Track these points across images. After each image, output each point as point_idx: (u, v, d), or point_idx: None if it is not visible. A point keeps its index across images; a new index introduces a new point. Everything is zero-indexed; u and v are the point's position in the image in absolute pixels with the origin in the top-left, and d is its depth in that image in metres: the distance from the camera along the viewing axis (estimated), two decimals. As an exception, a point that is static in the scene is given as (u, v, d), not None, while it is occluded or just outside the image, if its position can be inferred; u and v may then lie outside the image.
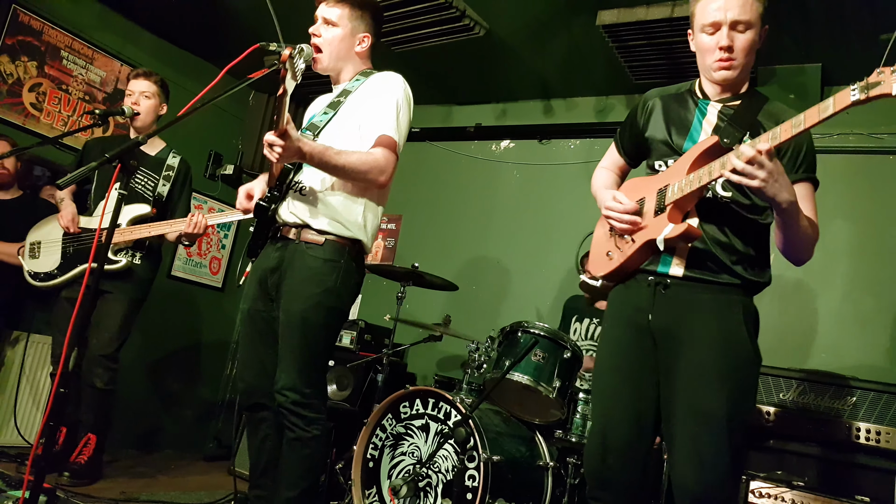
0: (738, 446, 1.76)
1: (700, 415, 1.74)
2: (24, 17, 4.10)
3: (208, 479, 4.03)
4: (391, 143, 2.34)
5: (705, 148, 1.81)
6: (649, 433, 1.90)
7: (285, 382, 2.28)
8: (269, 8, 4.01)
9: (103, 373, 3.30)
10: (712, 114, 1.94)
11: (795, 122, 1.58)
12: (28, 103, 4.14)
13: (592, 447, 1.95)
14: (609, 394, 1.95)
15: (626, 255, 1.93)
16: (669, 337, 1.85)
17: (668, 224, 1.81)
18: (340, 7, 2.45)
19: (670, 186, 1.85)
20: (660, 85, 2.13)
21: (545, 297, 4.34)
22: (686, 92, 2.04)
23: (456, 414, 2.91)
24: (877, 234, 3.53)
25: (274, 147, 2.08)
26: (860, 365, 3.31)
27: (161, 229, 3.31)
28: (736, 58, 1.87)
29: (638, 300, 1.93)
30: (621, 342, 1.96)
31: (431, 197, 5.07)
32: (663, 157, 1.99)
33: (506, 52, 4.20)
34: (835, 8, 3.18)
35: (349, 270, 2.38)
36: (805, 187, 1.86)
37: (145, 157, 3.54)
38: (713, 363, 1.77)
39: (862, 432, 2.70)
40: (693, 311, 1.83)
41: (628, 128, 2.17)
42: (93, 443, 3.31)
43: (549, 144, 4.74)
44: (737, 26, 1.85)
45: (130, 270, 3.40)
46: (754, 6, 1.85)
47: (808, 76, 3.67)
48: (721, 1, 1.85)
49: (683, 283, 1.86)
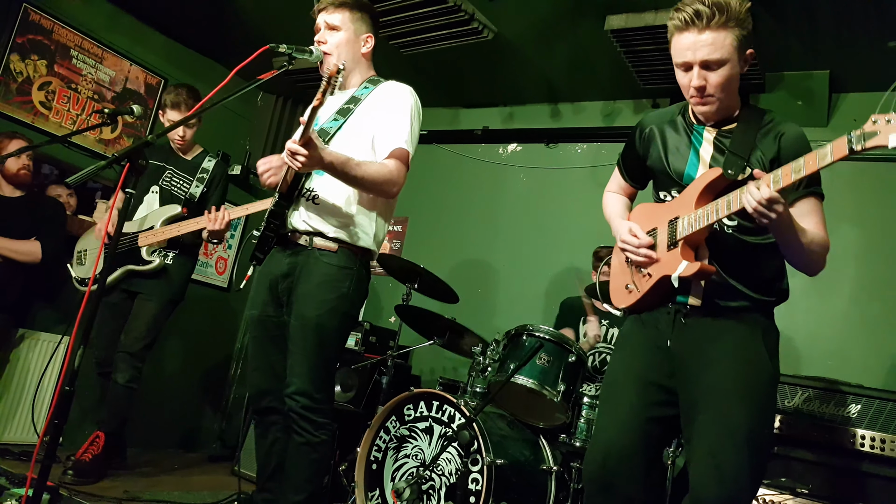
0: (758, 462, 1.78)
1: (722, 430, 1.75)
2: (35, 16, 4.12)
3: (212, 480, 4.03)
4: (405, 156, 2.38)
5: (710, 181, 1.84)
6: (653, 447, 1.91)
7: (297, 387, 2.29)
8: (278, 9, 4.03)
9: (126, 369, 3.36)
10: (708, 140, 1.94)
11: (796, 168, 1.60)
12: (37, 102, 4.16)
13: (594, 451, 1.96)
14: (618, 402, 1.95)
15: (644, 291, 1.96)
16: (689, 359, 1.87)
17: (682, 262, 1.83)
18: (341, 11, 2.47)
19: (680, 220, 1.87)
20: (667, 89, 2.14)
21: (551, 300, 4.33)
22: (680, 116, 2.03)
23: (460, 417, 2.90)
24: (883, 240, 3.52)
25: (297, 156, 2.08)
26: (866, 371, 3.30)
27: (188, 227, 3.38)
28: (712, 94, 1.85)
29: (657, 322, 1.95)
30: (637, 356, 1.98)
31: (438, 199, 5.08)
32: (666, 188, 2.01)
33: (513, 55, 4.20)
34: (843, 14, 3.17)
35: (361, 277, 2.43)
36: (810, 202, 1.86)
37: (181, 160, 3.67)
38: (734, 379, 1.79)
39: (867, 440, 2.69)
40: (713, 335, 1.85)
41: (629, 156, 2.19)
42: (101, 441, 3.33)
43: (557, 148, 4.74)
44: (709, 66, 1.81)
45: (164, 270, 3.48)
46: (727, 41, 1.78)
47: (816, 82, 3.67)
48: (690, 40, 1.80)
49: (702, 311, 1.88)
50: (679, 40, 1.84)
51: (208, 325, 5.24)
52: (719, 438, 1.74)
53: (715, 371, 1.81)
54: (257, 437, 2.56)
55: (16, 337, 3.85)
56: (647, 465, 1.91)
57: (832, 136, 3.96)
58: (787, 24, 3.32)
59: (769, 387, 1.85)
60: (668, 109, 2.11)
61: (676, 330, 1.90)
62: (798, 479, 2.76)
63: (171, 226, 3.42)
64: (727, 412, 1.76)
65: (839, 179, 3.62)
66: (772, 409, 1.89)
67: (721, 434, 1.75)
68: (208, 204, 3.60)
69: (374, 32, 2.57)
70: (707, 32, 1.78)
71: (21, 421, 3.79)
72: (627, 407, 1.92)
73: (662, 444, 1.95)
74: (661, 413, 1.90)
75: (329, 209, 2.37)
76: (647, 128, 2.09)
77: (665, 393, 1.89)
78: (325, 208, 2.38)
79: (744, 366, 1.80)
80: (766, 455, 1.85)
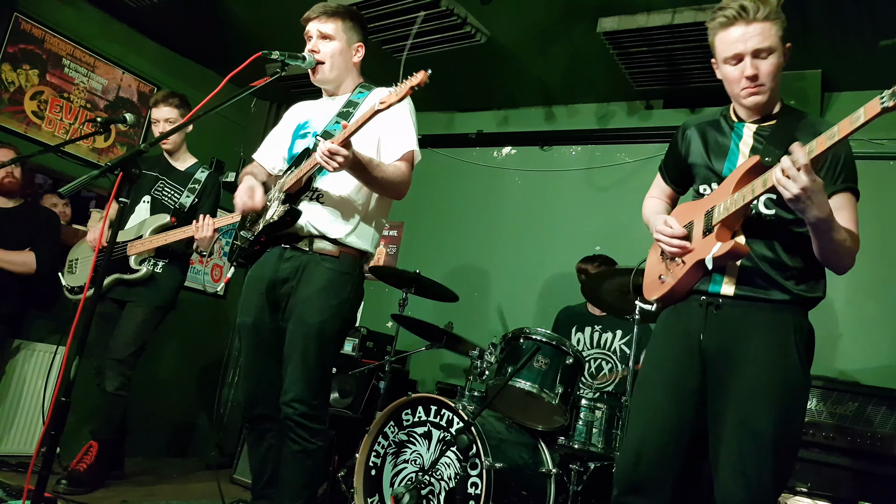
0: (784, 467, 1.78)
1: (748, 434, 1.75)
2: (26, 26, 4.11)
3: (210, 487, 4.02)
4: (413, 158, 2.43)
5: (748, 168, 1.85)
6: (684, 450, 1.90)
7: (295, 394, 2.28)
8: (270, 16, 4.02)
9: (114, 377, 3.34)
10: (748, 135, 1.98)
11: (829, 134, 1.59)
12: (30, 111, 4.15)
13: (626, 454, 1.97)
14: (650, 406, 1.96)
15: (677, 277, 1.95)
16: (721, 356, 1.86)
17: (717, 243, 1.84)
18: (333, 21, 2.49)
19: (716, 207, 1.88)
20: (660, 91, 2.16)
21: (547, 302, 4.33)
22: (721, 117, 2.08)
23: (458, 421, 2.90)
24: (878, 240, 3.52)
25: (337, 156, 2.08)
26: (863, 370, 3.31)
27: (175, 236, 3.40)
28: (763, 83, 1.90)
29: (689, 320, 1.95)
30: (668, 360, 1.97)
31: (433, 203, 5.07)
32: (707, 182, 2.03)
33: (507, 59, 4.21)
34: (835, 14, 3.18)
35: (360, 282, 2.44)
36: (844, 197, 1.87)
37: (174, 171, 3.68)
38: (763, 384, 1.78)
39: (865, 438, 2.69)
40: (745, 331, 1.85)
41: (671, 157, 2.22)
42: (94, 451, 3.31)
43: (551, 151, 4.75)
44: (759, 54, 1.88)
45: (153, 278, 3.49)
46: (773, 30, 1.87)
47: (809, 82, 3.68)
48: (739, 32, 1.88)
49: (735, 303, 1.88)
50: (727, 35, 1.91)
51: (205, 332, 5.22)
52: (745, 443, 1.75)
53: (745, 374, 1.80)
54: (250, 445, 2.55)
55: (11, 348, 3.84)
56: (681, 468, 1.90)
57: (825, 135, 3.94)
58: (779, 24, 3.34)
59: (799, 393, 1.84)
60: (710, 111, 2.15)
61: (709, 323, 1.89)
62: (797, 477, 2.76)
63: (158, 235, 3.44)
64: (753, 416, 1.76)
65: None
66: (800, 415, 1.87)
67: (747, 438, 1.75)
68: (199, 214, 3.59)
69: (365, 41, 2.60)
70: (755, 24, 1.87)
71: (17, 432, 3.77)
72: (659, 410, 1.92)
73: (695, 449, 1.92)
74: (693, 415, 1.90)
75: (334, 209, 2.38)
76: (689, 128, 2.14)
77: (697, 394, 1.90)
78: (329, 208, 2.38)
79: (773, 369, 1.79)
80: (792, 461, 1.85)
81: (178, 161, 3.71)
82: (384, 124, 2.41)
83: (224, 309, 5.34)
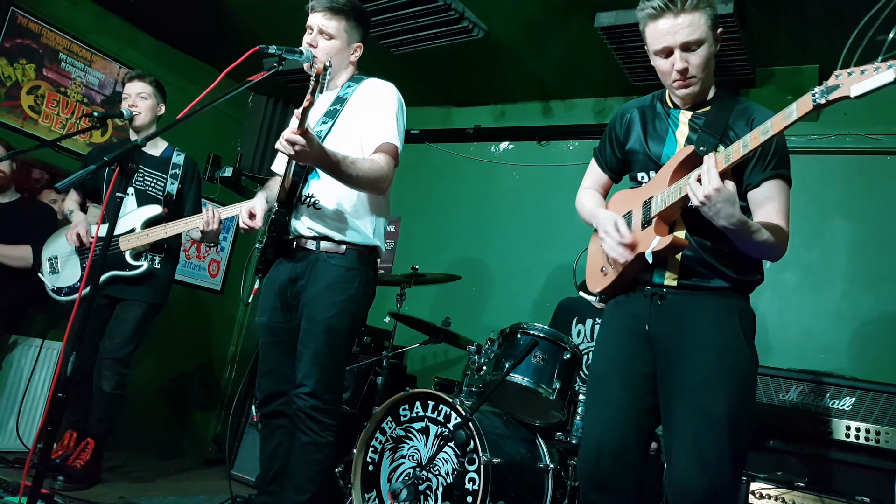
0: (740, 449, 1.78)
1: (703, 417, 1.75)
2: (23, 20, 4.10)
3: (207, 484, 4.02)
4: (393, 150, 2.38)
5: (682, 158, 1.86)
6: (644, 438, 1.91)
7: (306, 387, 2.30)
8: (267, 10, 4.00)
9: (112, 376, 3.30)
10: (683, 122, 1.98)
11: (763, 130, 1.62)
12: (26, 106, 4.13)
13: (587, 450, 1.95)
14: (606, 397, 1.95)
15: (618, 270, 1.96)
16: (668, 344, 1.87)
17: (655, 237, 1.84)
18: (337, 20, 2.46)
19: (654, 199, 1.89)
20: (657, 85, 2.14)
21: (544, 298, 4.33)
22: (659, 101, 2.07)
23: (456, 416, 2.90)
24: (875, 234, 3.53)
25: (296, 145, 2.04)
26: (859, 364, 3.31)
27: (177, 228, 3.29)
28: (694, 75, 1.90)
29: (635, 308, 1.95)
30: (619, 348, 1.97)
31: (430, 198, 5.07)
32: (644, 169, 2.03)
33: (504, 53, 4.20)
34: (832, 9, 3.18)
35: (369, 278, 2.45)
36: (775, 185, 1.87)
37: (149, 158, 3.54)
38: (714, 367, 1.78)
39: (861, 432, 2.70)
40: (690, 318, 1.85)
41: (608, 142, 2.19)
42: (91, 447, 3.30)
43: (548, 146, 4.74)
44: (689, 47, 1.86)
45: (151, 274, 3.40)
46: (701, 20, 1.85)
47: (806, 77, 3.68)
48: (667, 25, 1.86)
49: (679, 293, 1.88)
50: (655, 27, 1.88)
51: (202, 328, 5.22)
52: (700, 426, 1.75)
53: (694, 357, 1.81)
54: (262, 439, 2.56)
55: (8, 343, 3.83)
56: (641, 457, 1.91)
57: (822, 130, 3.97)
58: (777, 19, 3.33)
59: (749, 372, 1.85)
60: (646, 97, 2.14)
61: (654, 313, 1.90)
62: (794, 471, 2.77)
63: (155, 228, 3.31)
64: (707, 399, 1.76)
65: (830, 173, 3.65)
66: (752, 396, 1.88)
67: (702, 421, 1.75)
68: (185, 200, 3.54)
69: (364, 41, 2.58)
70: (682, 16, 1.84)
71: (14, 428, 3.76)
72: (616, 401, 1.92)
73: (652, 435, 1.95)
74: (650, 403, 1.90)
75: (331, 213, 2.39)
76: (627, 112, 2.13)
77: (650, 381, 1.90)
78: (326, 213, 2.39)
79: (723, 352, 1.80)
80: (747, 442, 1.83)
81: (151, 147, 3.56)
82: (365, 117, 2.40)
83: (222, 304, 5.34)
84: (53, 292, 3.40)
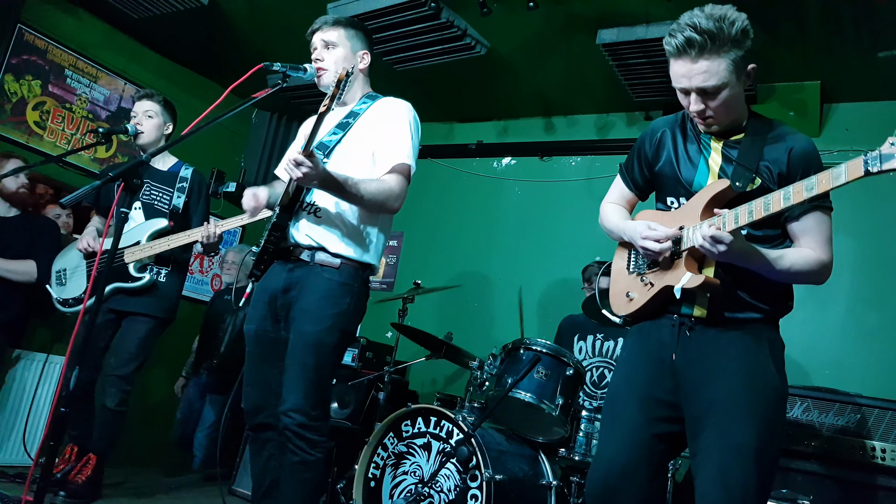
0: (766, 479, 1.76)
1: (729, 446, 1.73)
2: (30, 37, 4.14)
3: (208, 499, 4.00)
4: (406, 170, 2.39)
5: (717, 192, 1.80)
6: (655, 463, 1.88)
7: (292, 404, 2.26)
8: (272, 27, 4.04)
9: (116, 393, 3.26)
10: (716, 150, 1.91)
11: (808, 186, 1.60)
12: (32, 122, 4.16)
13: (596, 469, 1.93)
14: (622, 418, 1.93)
15: (645, 299, 1.93)
16: (695, 373, 1.84)
17: (686, 273, 1.80)
18: (336, 29, 2.49)
19: (686, 231, 1.83)
20: (659, 102, 2.13)
21: (548, 313, 4.33)
22: (690, 122, 1.98)
23: (458, 432, 2.89)
24: (879, 249, 3.53)
25: (302, 166, 2.06)
26: (864, 380, 3.30)
27: (179, 241, 3.29)
28: (713, 116, 1.83)
29: (661, 336, 1.91)
30: (640, 372, 1.94)
31: (433, 213, 5.08)
32: (675, 195, 1.96)
33: (507, 70, 4.23)
34: (834, 26, 3.20)
35: (361, 295, 2.42)
36: (815, 217, 1.84)
37: (157, 172, 3.55)
38: (742, 397, 1.76)
39: (869, 450, 2.68)
40: (719, 349, 1.82)
41: (637, 160, 2.10)
42: (93, 463, 3.29)
43: (551, 161, 4.76)
44: (705, 92, 1.77)
45: (155, 287, 3.37)
46: (721, 67, 1.73)
47: (808, 93, 3.69)
48: (684, 69, 1.76)
49: (708, 324, 1.85)
50: (674, 66, 1.80)
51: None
52: (727, 455, 1.72)
53: (721, 385, 1.78)
54: (252, 454, 2.53)
55: (12, 357, 3.83)
56: (650, 481, 1.88)
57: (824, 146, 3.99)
58: (779, 36, 3.35)
59: (777, 402, 1.81)
60: (676, 115, 2.06)
61: (681, 343, 1.86)
62: (798, 490, 2.75)
63: (159, 240, 3.31)
64: (734, 428, 1.73)
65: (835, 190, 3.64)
66: (780, 425, 1.85)
67: (729, 450, 1.73)
68: (193, 214, 3.55)
69: (370, 49, 2.58)
70: (701, 61, 1.73)
71: (16, 442, 3.76)
72: (630, 424, 1.89)
73: (665, 460, 1.91)
74: (664, 430, 1.87)
75: (331, 222, 2.37)
76: (658, 131, 2.03)
77: (669, 409, 1.87)
78: (327, 221, 2.37)
79: (750, 380, 1.77)
80: (774, 472, 1.81)
81: (160, 163, 3.57)
82: (377, 136, 2.41)
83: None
84: (59, 303, 3.42)
